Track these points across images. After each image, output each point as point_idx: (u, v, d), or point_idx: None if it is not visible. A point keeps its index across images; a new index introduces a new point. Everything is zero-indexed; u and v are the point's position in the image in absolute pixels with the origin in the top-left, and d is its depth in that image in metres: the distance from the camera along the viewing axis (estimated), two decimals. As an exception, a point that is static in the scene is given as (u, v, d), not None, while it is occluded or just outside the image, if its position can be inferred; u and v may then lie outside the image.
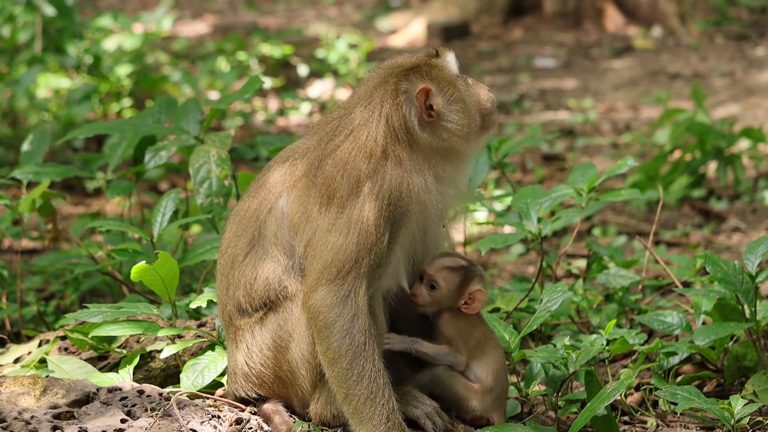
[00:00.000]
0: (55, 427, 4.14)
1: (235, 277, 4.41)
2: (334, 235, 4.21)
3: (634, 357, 5.27)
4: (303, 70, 14.14)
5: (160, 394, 4.39)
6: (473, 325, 4.45)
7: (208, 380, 4.62)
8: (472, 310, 4.42)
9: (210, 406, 4.42)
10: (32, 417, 4.17)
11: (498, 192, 7.13)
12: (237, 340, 4.43)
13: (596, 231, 8.79)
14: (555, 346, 4.86)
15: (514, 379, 4.81)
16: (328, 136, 4.40)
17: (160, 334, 4.70)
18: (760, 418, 4.70)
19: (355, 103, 4.43)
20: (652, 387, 4.98)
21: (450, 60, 4.48)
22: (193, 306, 4.98)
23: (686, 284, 6.00)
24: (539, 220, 5.32)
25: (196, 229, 7.99)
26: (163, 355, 4.69)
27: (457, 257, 4.47)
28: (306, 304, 4.23)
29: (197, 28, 17.66)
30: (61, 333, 5.08)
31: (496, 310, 5.49)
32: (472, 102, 4.44)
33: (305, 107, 12.89)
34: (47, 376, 4.47)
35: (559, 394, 4.77)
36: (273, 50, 14.14)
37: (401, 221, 4.23)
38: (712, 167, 9.77)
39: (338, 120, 4.44)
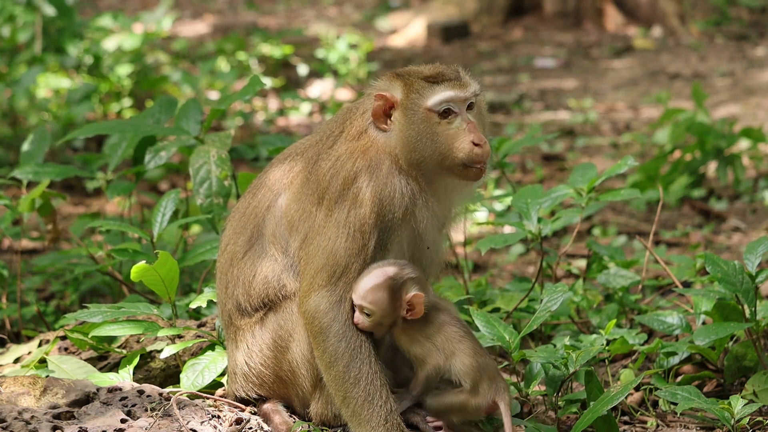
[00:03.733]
0: (55, 427, 4.14)
1: (234, 274, 4.41)
2: (324, 237, 4.22)
3: (634, 357, 5.27)
4: (303, 70, 14.14)
5: (160, 394, 4.39)
6: (423, 325, 4.28)
7: (208, 380, 4.62)
8: (416, 315, 4.26)
9: (210, 406, 4.42)
10: (32, 417, 4.17)
11: (498, 192, 7.14)
12: (237, 339, 4.43)
13: (596, 231, 8.79)
14: (555, 346, 4.86)
15: (514, 379, 4.82)
16: (327, 133, 4.41)
17: (160, 334, 4.70)
18: (760, 418, 4.70)
19: (359, 101, 4.44)
20: (652, 387, 4.99)
21: (438, 94, 4.23)
22: (193, 306, 4.98)
23: (686, 284, 6.00)
24: (539, 220, 5.31)
25: (196, 229, 7.99)
26: (163, 355, 4.69)
27: (379, 270, 4.22)
28: (301, 308, 4.24)
29: (197, 28, 17.66)
30: (61, 333, 5.08)
31: (496, 310, 5.49)
32: (433, 141, 4.23)
33: (305, 107, 12.89)
34: (47, 376, 4.47)
35: (559, 394, 4.77)
36: (273, 50, 14.14)
37: (389, 227, 4.22)
38: (712, 167, 9.77)
39: (341, 116, 4.45)
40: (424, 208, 4.27)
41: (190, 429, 4.22)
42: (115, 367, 4.92)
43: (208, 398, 4.49)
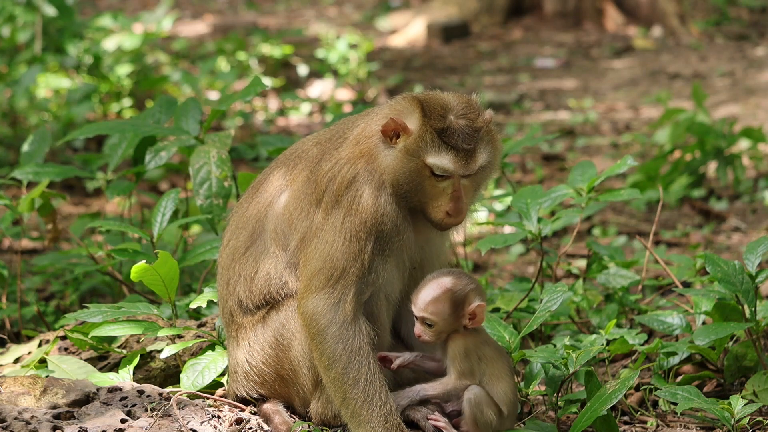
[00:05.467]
0: (55, 427, 4.14)
1: (236, 270, 4.42)
2: (321, 240, 4.22)
3: (634, 357, 5.28)
4: (303, 70, 14.14)
5: (160, 394, 4.40)
6: (482, 342, 4.32)
7: (208, 380, 4.62)
8: (478, 324, 4.29)
9: (210, 406, 4.42)
10: (32, 417, 4.17)
11: (498, 192, 7.13)
12: (238, 338, 4.44)
13: (596, 231, 8.79)
14: (555, 346, 4.86)
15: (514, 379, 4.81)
16: (336, 135, 4.43)
17: (160, 334, 4.70)
18: (760, 418, 4.70)
19: (378, 107, 4.45)
20: (652, 387, 4.99)
21: (441, 158, 4.17)
22: (193, 306, 4.98)
23: (686, 284, 6.00)
24: (539, 220, 5.31)
25: (196, 229, 7.99)
26: (163, 355, 4.70)
27: (435, 281, 4.26)
28: (299, 309, 4.25)
29: (197, 28, 17.66)
30: (61, 333, 5.08)
31: (496, 310, 5.48)
32: (418, 189, 4.23)
33: (305, 107, 12.89)
34: (47, 376, 4.48)
35: (559, 394, 4.77)
36: (273, 50, 14.14)
37: (384, 236, 4.22)
38: (712, 167, 9.76)
39: (354, 119, 4.46)
40: (410, 230, 4.28)
41: (190, 429, 4.22)
42: (115, 367, 4.92)
43: (208, 398, 4.49)
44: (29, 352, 5.11)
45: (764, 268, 4.82)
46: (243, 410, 4.44)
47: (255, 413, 4.44)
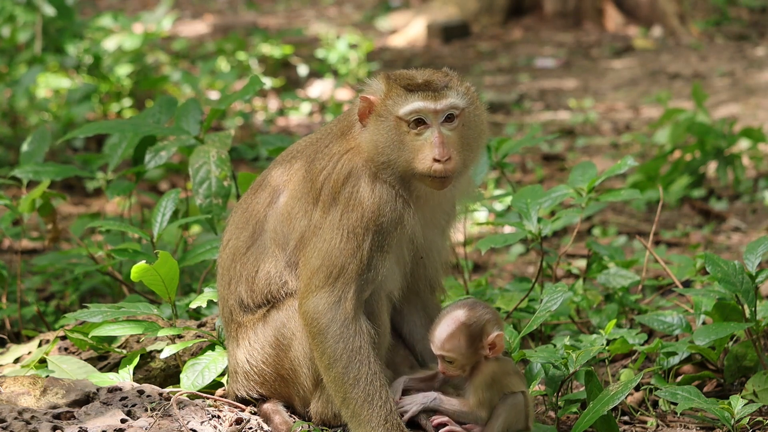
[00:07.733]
0: (55, 427, 4.14)
1: (237, 270, 4.42)
2: (320, 239, 4.22)
3: (634, 357, 5.28)
4: (303, 70, 14.14)
5: (160, 394, 4.40)
6: (508, 372, 4.28)
7: (208, 380, 4.62)
8: (497, 353, 4.26)
9: (210, 406, 4.42)
10: (32, 417, 4.17)
11: (498, 192, 7.13)
12: (238, 337, 4.44)
13: (596, 231, 8.79)
14: (555, 346, 4.86)
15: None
16: (326, 132, 4.44)
17: (160, 334, 4.70)
18: (760, 418, 4.70)
19: (356, 101, 4.45)
20: (652, 387, 4.99)
21: (409, 104, 4.18)
22: (193, 306, 4.98)
23: (686, 284, 6.00)
24: (539, 220, 5.31)
25: (196, 229, 7.99)
26: (163, 355, 4.70)
27: (449, 316, 4.24)
28: (300, 309, 4.25)
29: (197, 28, 17.66)
30: (61, 333, 5.08)
31: (497, 310, 5.49)
32: (399, 149, 4.21)
33: (305, 107, 12.89)
34: (47, 376, 4.48)
35: (559, 394, 4.77)
36: (273, 50, 14.14)
37: (383, 230, 4.21)
38: (712, 167, 9.76)
39: (341, 116, 4.47)
40: (411, 216, 4.26)
41: (190, 429, 4.22)
42: (115, 367, 4.92)
43: (208, 398, 4.49)
44: (29, 352, 5.11)
45: (764, 268, 4.83)
46: (243, 410, 4.44)
47: (255, 413, 4.44)
